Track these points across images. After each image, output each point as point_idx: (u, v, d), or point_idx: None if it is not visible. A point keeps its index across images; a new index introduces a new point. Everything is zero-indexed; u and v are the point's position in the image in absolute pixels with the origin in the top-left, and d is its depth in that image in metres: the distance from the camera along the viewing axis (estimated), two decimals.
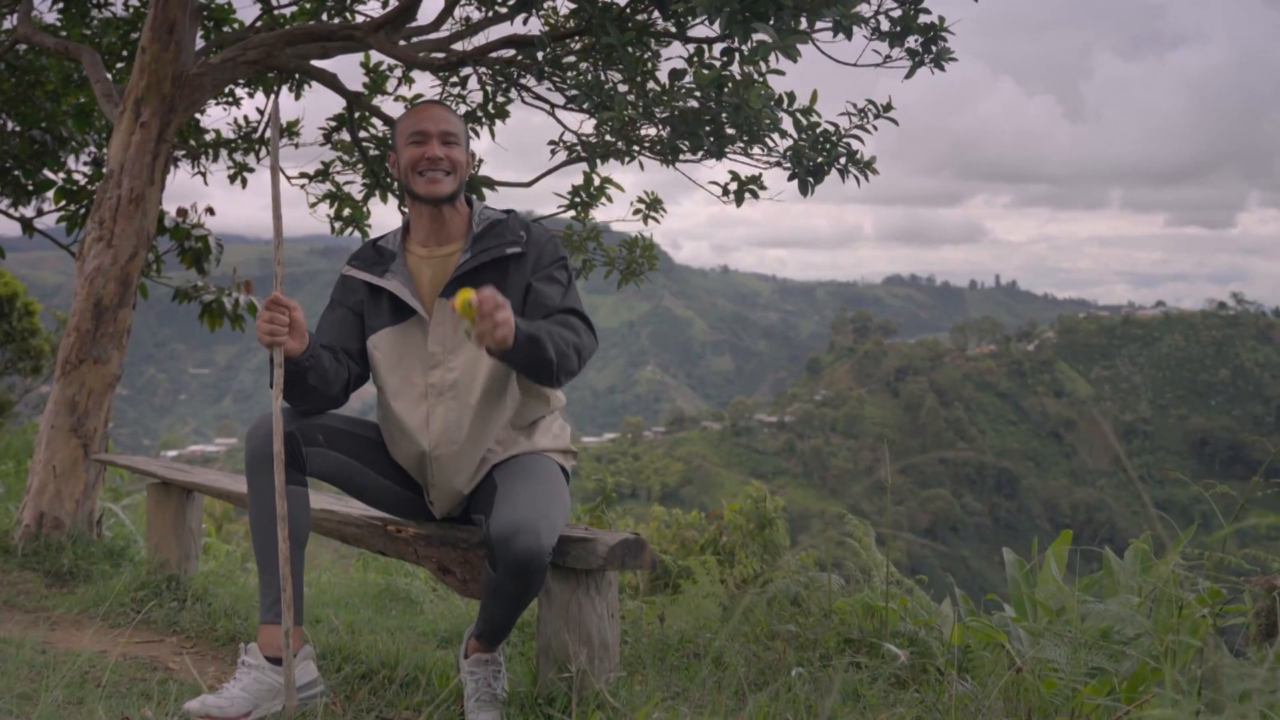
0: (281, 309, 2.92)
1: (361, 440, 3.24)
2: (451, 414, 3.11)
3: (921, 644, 3.98)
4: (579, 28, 5.35)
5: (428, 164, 3.09)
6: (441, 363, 3.13)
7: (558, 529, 2.89)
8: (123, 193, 5.51)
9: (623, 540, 2.98)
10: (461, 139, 3.17)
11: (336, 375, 3.12)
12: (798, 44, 4.44)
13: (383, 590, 5.75)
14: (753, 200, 5.48)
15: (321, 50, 5.97)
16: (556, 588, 3.06)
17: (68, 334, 5.50)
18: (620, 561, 2.98)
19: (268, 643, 3.01)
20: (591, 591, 3.07)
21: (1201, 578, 3.52)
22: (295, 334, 2.95)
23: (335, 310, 3.27)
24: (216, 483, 4.39)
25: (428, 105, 3.23)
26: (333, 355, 3.15)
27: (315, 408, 3.15)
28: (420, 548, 3.36)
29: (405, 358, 3.17)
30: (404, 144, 3.14)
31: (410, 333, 3.16)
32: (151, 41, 5.52)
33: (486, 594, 2.98)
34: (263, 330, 2.91)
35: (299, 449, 3.07)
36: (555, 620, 3.06)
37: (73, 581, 5.03)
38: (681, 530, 9.43)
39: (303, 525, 3.10)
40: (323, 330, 3.24)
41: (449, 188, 3.12)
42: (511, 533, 2.75)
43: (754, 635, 4.20)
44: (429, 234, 3.20)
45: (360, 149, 7.07)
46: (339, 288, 3.30)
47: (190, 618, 4.22)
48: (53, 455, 5.43)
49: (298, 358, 2.97)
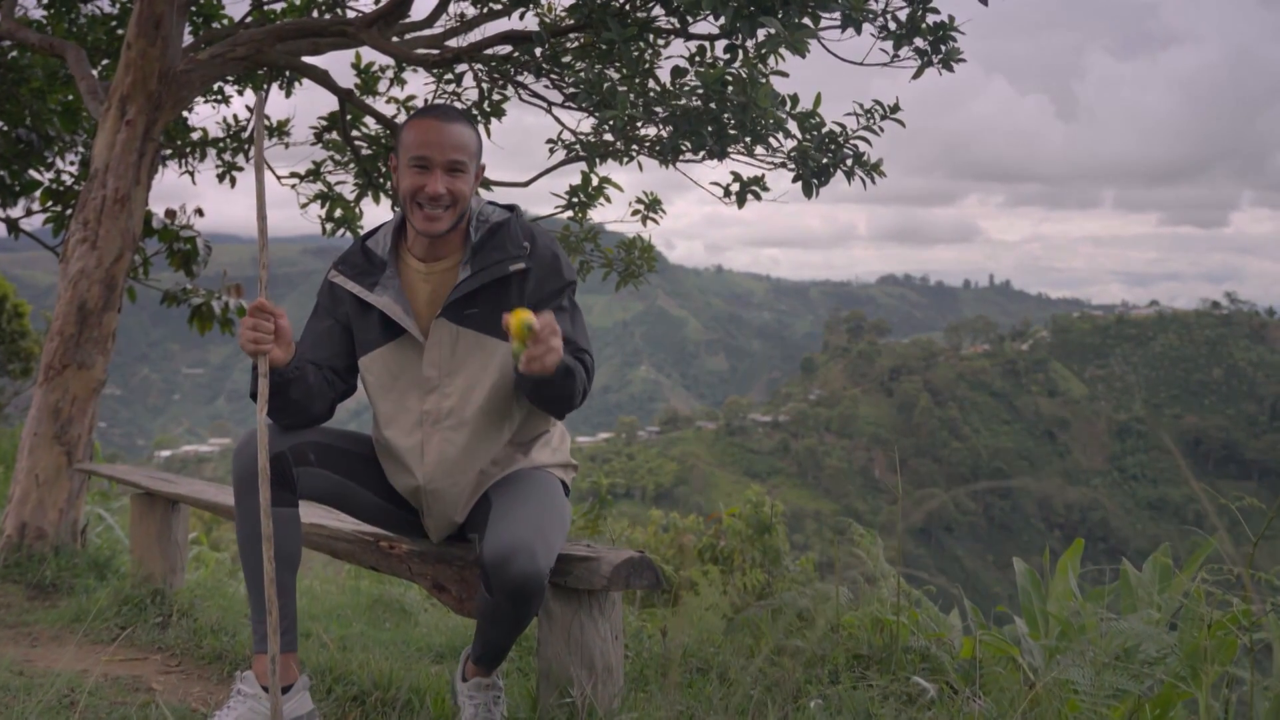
0: (266, 315, 2.74)
1: (355, 457, 3.06)
2: (448, 445, 2.93)
3: (934, 660, 3.85)
4: (578, 23, 5.21)
5: (427, 200, 2.83)
6: (438, 388, 2.93)
7: (555, 549, 2.74)
8: (107, 193, 5.35)
9: (627, 559, 2.84)
10: (471, 160, 2.89)
11: (321, 391, 2.95)
12: (805, 39, 4.31)
13: (375, 601, 5.60)
14: (753, 200, 5.34)
15: (313, 46, 5.82)
16: (557, 608, 2.92)
17: (50, 338, 5.34)
18: (625, 582, 2.83)
19: (263, 672, 2.86)
20: (594, 612, 2.92)
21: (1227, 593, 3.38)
22: (280, 342, 2.76)
23: (322, 320, 3.07)
24: (202, 494, 4.24)
25: (434, 121, 2.87)
26: (318, 369, 2.97)
27: (297, 422, 2.97)
28: (414, 565, 3.21)
29: (399, 380, 2.97)
30: (405, 163, 2.87)
31: (403, 353, 2.96)
32: (137, 37, 5.36)
33: (482, 617, 2.84)
34: (246, 338, 2.72)
35: (289, 469, 2.89)
36: (556, 642, 2.92)
37: (55, 594, 4.88)
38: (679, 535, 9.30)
39: (294, 547, 2.93)
40: (308, 341, 3.04)
41: (446, 224, 2.87)
42: (506, 555, 2.59)
43: (759, 650, 4.07)
44: (426, 251, 2.97)
45: (352, 148, 6.92)
46: (325, 295, 3.08)
47: (175, 634, 4.06)
48: (35, 463, 5.27)
49: (282, 368, 2.80)
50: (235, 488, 2.90)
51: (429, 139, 2.84)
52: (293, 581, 2.94)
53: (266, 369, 2.73)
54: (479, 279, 2.88)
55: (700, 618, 5.12)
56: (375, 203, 6.98)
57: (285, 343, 2.77)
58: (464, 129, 2.90)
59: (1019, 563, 4.95)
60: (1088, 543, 4.37)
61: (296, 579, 3.00)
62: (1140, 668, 3.36)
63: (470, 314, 2.88)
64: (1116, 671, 3.21)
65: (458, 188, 2.85)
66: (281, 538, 2.85)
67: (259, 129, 2.70)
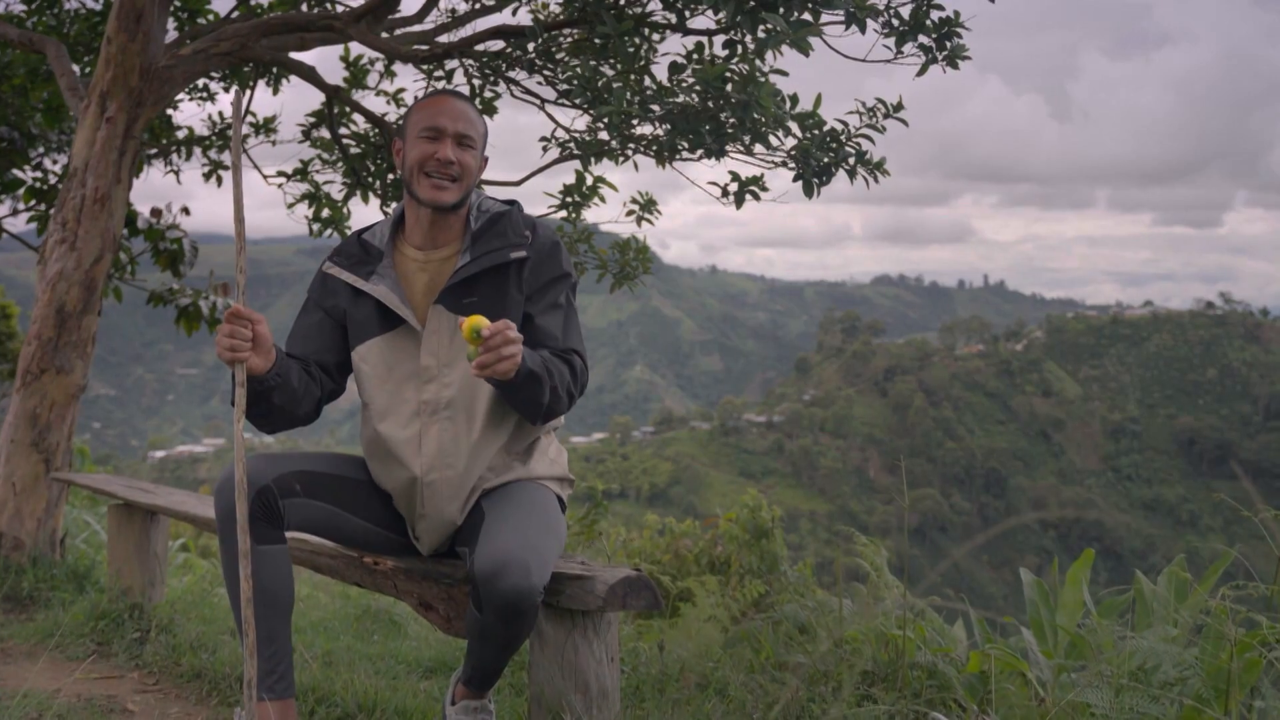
0: (244, 322, 2.60)
1: (344, 483, 2.91)
2: (446, 435, 2.79)
3: (941, 676, 3.72)
4: (572, 18, 5.06)
5: (436, 166, 2.75)
6: (436, 378, 2.80)
7: (549, 565, 2.59)
8: (87, 192, 5.19)
9: (624, 578, 2.68)
10: (478, 141, 2.84)
11: (306, 393, 2.80)
12: (808, 36, 4.18)
13: (364, 611, 5.44)
14: (749, 200, 5.19)
15: (299, 42, 5.67)
16: (550, 629, 2.76)
17: (28, 342, 5.18)
18: (621, 602, 2.68)
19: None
20: (589, 634, 2.77)
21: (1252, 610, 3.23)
22: (259, 349, 2.62)
23: (311, 314, 2.94)
24: (182, 505, 4.08)
25: (447, 97, 2.84)
26: (303, 368, 2.82)
27: (278, 428, 2.81)
28: (400, 581, 3.07)
29: (395, 371, 2.84)
30: (414, 136, 2.79)
31: (400, 344, 2.83)
32: (118, 31, 5.20)
33: (473, 636, 2.69)
34: (223, 345, 2.58)
35: (275, 502, 2.73)
36: (549, 665, 2.76)
37: (32, 607, 4.72)
38: (676, 540, 9.16)
39: (283, 589, 2.77)
40: (296, 337, 2.91)
41: (453, 196, 2.78)
42: (498, 569, 2.46)
43: (760, 665, 3.92)
44: (426, 237, 2.86)
45: (340, 146, 6.76)
46: (317, 287, 2.95)
47: (153, 651, 3.89)
48: (12, 471, 5.11)
49: (262, 376, 2.65)
50: (220, 526, 2.75)
51: (441, 109, 2.80)
52: (285, 625, 2.78)
53: (244, 377, 2.59)
54: (479, 264, 2.78)
55: (698, 630, 4.97)
56: (364, 202, 6.82)
57: (264, 350, 2.63)
58: (473, 111, 2.86)
59: (1026, 574, 4.81)
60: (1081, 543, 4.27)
61: (291, 619, 2.84)
62: (1159, 689, 3.22)
63: (469, 302, 2.77)
64: (1135, 693, 3.07)
65: (466, 160, 2.79)
66: (269, 579, 2.72)
67: (237, 132, 2.56)
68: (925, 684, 3.65)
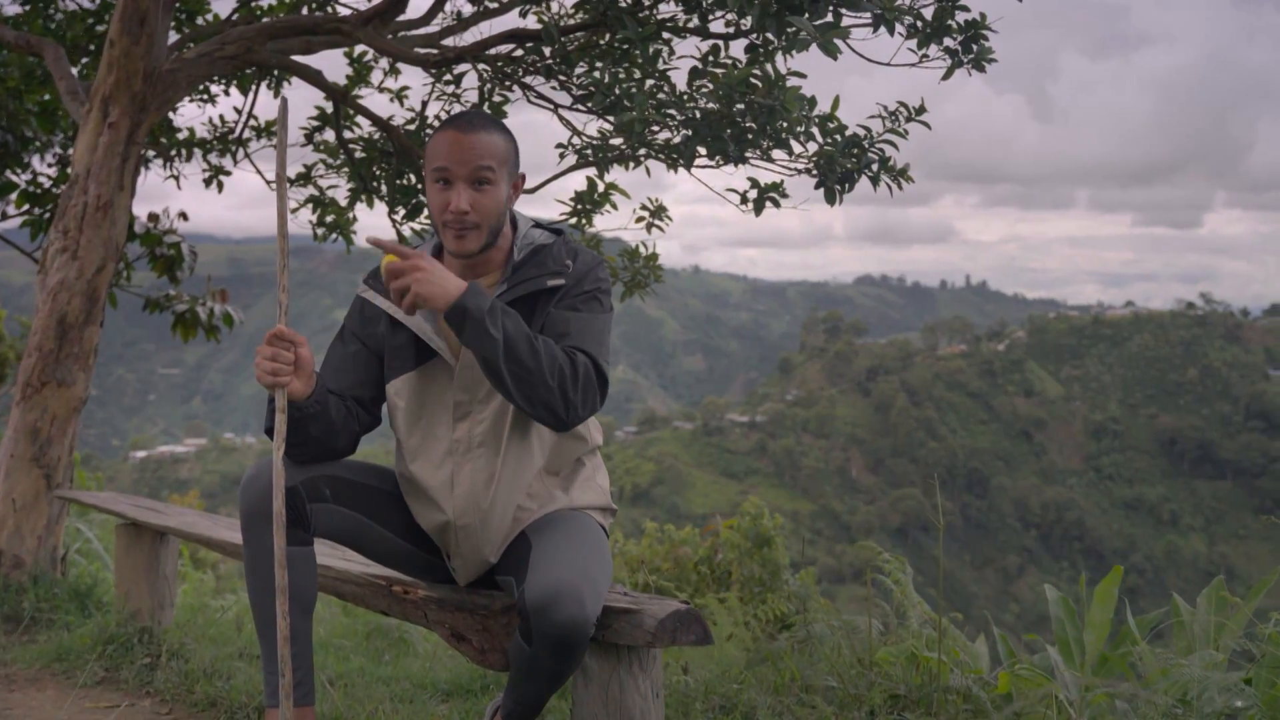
0: (286, 344, 2.48)
1: (375, 493, 2.78)
2: (480, 475, 2.65)
3: (976, 701, 3.62)
4: (588, 21, 4.94)
5: (453, 218, 2.57)
6: (470, 413, 2.67)
7: (603, 596, 2.48)
8: (89, 199, 5.05)
9: (674, 612, 2.56)
10: (499, 169, 2.62)
11: (344, 426, 2.67)
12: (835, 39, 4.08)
13: (373, 630, 5.32)
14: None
15: (305, 45, 5.54)
16: (594, 665, 2.64)
17: (28, 354, 5.03)
18: (671, 637, 2.56)
19: None
20: (635, 669, 2.65)
21: None
22: (301, 374, 2.50)
23: (347, 345, 2.79)
24: (194, 526, 3.94)
25: (456, 133, 2.60)
26: (340, 400, 2.69)
27: (314, 458, 2.69)
28: (431, 612, 2.94)
29: (428, 408, 2.70)
30: (429, 176, 2.62)
31: (434, 378, 2.69)
32: (121, 34, 5.06)
33: (517, 670, 2.55)
34: (263, 369, 2.46)
35: (303, 505, 2.62)
36: (593, 703, 2.64)
37: (34, 629, 4.58)
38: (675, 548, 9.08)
39: (309, 591, 2.67)
40: (330, 368, 2.77)
41: (476, 243, 2.61)
42: (551, 600, 2.33)
43: (786, 687, 3.82)
44: (463, 271, 2.70)
45: (345, 150, 6.62)
46: (355, 316, 2.80)
47: (165, 677, 3.76)
48: (12, 487, 4.96)
49: (302, 402, 2.53)
50: (244, 524, 2.62)
51: (448, 151, 2.58)
52: (308, 627, 2.68)
53: (285, 403, 2.46)
54: (512, 294, 2.63)
55: (720, 650, 4.86)
56: (369, 207, 6.68)
57: (306, 374, 2.50)
58: (488, 136, 2.62)
59: (1051, 590, 4.73)
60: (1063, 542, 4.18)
61: (312, 622, 2.73)
62: (1208, 718, 3.12)
63: None
64: None
65: (484, 203, 2.59)
66: (296, 581, 2.59)
67: (282, 142, 2.43)
68: (961, 708, 3.55)
